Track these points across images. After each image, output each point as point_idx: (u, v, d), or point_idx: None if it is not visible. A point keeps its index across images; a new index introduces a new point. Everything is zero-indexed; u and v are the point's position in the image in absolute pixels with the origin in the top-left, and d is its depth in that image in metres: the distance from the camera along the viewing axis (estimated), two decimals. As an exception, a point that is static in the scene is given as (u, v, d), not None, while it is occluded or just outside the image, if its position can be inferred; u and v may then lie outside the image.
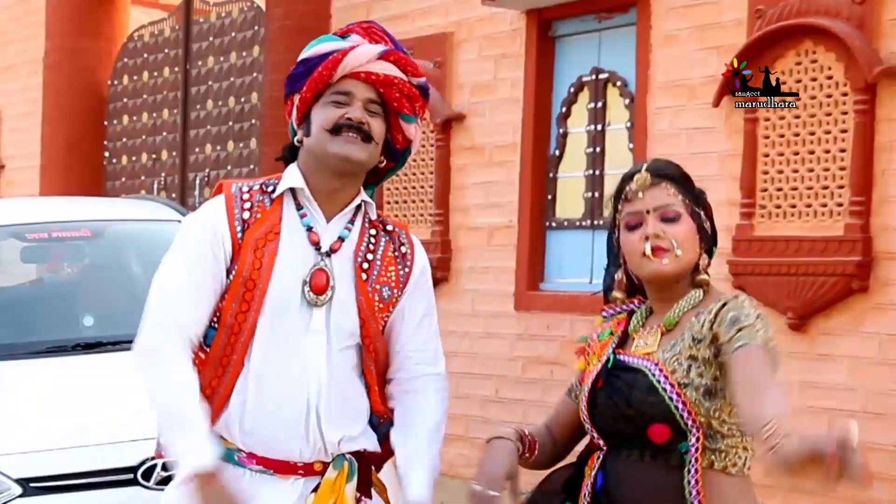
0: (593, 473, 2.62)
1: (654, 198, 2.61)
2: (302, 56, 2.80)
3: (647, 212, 2.60)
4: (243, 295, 2.71)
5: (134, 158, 11.49)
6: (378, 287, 2.78)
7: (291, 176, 2.80)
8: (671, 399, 2.52)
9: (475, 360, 7.64)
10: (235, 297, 2.71)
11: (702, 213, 2.66)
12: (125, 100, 11.57)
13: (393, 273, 2.81)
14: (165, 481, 4.53)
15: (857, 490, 5.99)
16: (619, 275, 2.73)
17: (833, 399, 6.07)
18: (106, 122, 11.72)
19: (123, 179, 11.56)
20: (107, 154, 11.73)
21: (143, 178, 11.33)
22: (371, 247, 2.80)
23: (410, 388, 2.87)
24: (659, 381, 2.54)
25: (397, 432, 2.85)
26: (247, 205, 2.77)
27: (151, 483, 4.53)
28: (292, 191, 2.80)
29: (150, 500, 4.51)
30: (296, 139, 2.84)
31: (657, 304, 2.68)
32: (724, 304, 2.54)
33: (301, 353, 2.72)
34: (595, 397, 2.62)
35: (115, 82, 11.65)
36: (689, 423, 2.52)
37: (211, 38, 10.60)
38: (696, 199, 2.66)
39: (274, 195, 2.78)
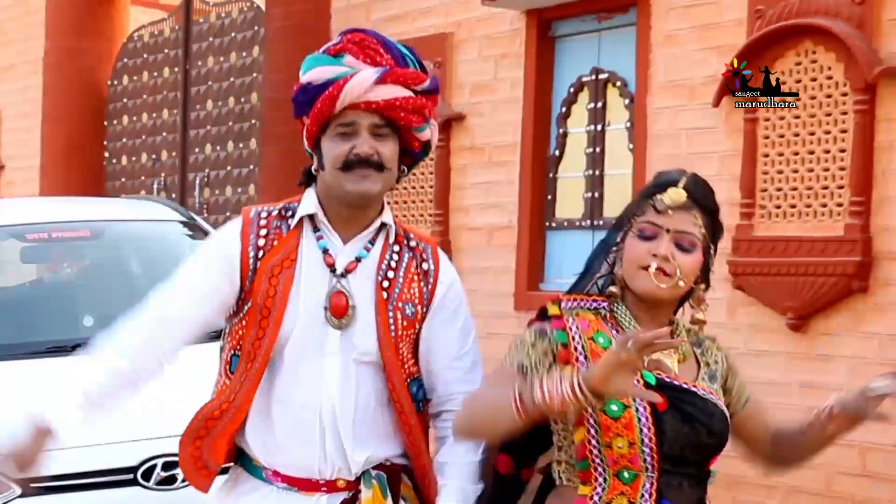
0: (650, 501, 2.50)
1: (680, 221, 2.50)
2: (301, 78, 2.76)
3: (667, 230, 2.50)
4: (259, 322, 2.71)
5: (134, 158, 11.48)
6: (401, 305, 2.74)
7: (308, 202, 2.78)
8: (730, 430, 2.59)
9: (475, 360, 7.62)
10: (253, 325, 2.72)
11: (713, 248, 2.60)
12: (125, 100, 11.57)
13: (416, 290, 2.77)
14: (165, 481, 4.56)
15: (855, 489, 5.90)
16: (619, 271, 2.60)
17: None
18: (106, 122, 11.72)
19: (123, 179, 11.56)
20: (107, 154, 11.73)
21: (143, 178, 11.33)
22: (393, 264, 2.77)
23: (444, 408, 2.83)
24: (725, 413, 2.58)
25: (437, 461, 2.82)
26: (262, 231, 2.76)
27: (151, 483, 4.53)
28: (310, 216, 2.79)
29: (150, 500, 4.51)
30: (312, 168, 2.81)
31: (642, 316, 2.58)
32: (720, 349, 2.67)
33: (316, 375, 2.72)
34: (660, 420, 2.49)
35: (115, 82, 11.65)
36: None
37: (211, 38, 10.60)
38: (715, 235, 2.60)
39: (292, 222, 2.77)
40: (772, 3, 6.31)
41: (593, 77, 7.45)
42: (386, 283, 2.74)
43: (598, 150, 7.41)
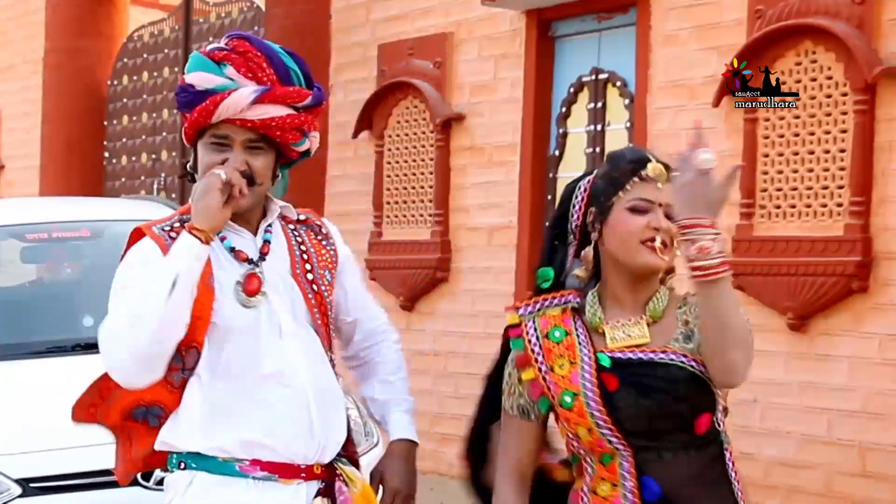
0: (632, 480, 2.49)
1: (667, 194, 2.51)
2: (185, 76, 2.77)
3: (660, 204, 2.52)
4: (196, 318, 2.69)
5: (134, 158, 11.49)
6: (322, 272, 2.84)
7: None
8: (714, 388, 2.51)
9: (475, 360, 7.63)
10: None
11: None
12: (125, 100, 11.58)
13: (326, 255, 2.89)
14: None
15: (855, 489, 5.89)
16: (589, 251, 2.62)
17: (833, 399, 6.07)
18: (106, 122, 11.73)
19: (123, 179, 11.57)
20: (107, 154, 11.73)
21: (143, 178, 11.34)
22: (299, 239, 2.87)
23: (370, 342, 3.02)
24: (702, 372, 2.49)
25: (367, 383, 3.02)
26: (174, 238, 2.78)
27: (151, 483, 4.53)
28: None
29: (150, 500, 4.51)
30: (189, 167, 2.90)
31: (626, 294, 2.57)
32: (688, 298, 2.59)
33: (280, 351, 2.74)
34: (613, 399, 2.48)
35: (115, 82, 11.65)
36: (719, 408, 2.54)
37: (211, 38, 10.60)
38: None
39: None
40: (772, 3, 6.31)
41: (593, 77, 7.46)
42: (306, 256, 2.85)
43: (598, 150, 7.41)
